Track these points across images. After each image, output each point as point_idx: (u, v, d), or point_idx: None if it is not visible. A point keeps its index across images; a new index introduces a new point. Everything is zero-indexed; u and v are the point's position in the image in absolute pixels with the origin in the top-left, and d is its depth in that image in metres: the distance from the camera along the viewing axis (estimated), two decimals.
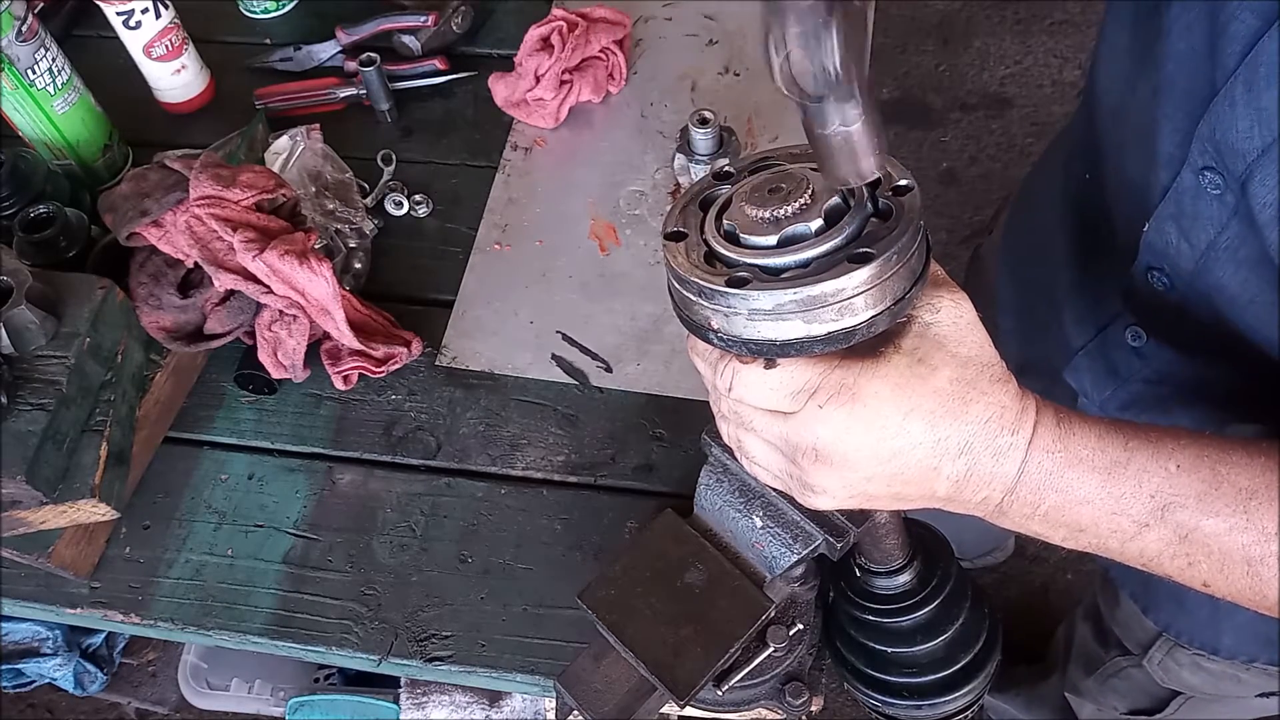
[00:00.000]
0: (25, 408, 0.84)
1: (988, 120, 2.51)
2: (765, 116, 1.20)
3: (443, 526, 0.95)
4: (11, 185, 1.01)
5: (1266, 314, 0.65)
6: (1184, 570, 0.55)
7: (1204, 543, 0.53)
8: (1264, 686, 0.97)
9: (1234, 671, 0.97)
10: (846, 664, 0.77)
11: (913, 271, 0.51)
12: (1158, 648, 1.05)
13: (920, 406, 0.51)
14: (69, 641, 1.79)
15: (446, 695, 1.33)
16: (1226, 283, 0.66)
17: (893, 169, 0.53)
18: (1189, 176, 0.65)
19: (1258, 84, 0.57)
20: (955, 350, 0.52)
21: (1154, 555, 0.54)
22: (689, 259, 0.53)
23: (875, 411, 0.51)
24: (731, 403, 0.56)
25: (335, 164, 1.14)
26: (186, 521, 0.96)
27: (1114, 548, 0.55)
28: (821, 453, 0.52)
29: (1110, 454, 0.53)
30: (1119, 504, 0.53)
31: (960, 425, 0.51)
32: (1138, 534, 0.54)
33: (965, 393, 0.51)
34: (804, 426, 0.52)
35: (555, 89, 1.18)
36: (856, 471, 0.53)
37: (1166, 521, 0.53)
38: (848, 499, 0.55)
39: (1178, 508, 0.53)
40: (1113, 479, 0.53)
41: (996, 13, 2.68)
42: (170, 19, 1.16)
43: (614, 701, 0.73)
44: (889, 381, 0.51)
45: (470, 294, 1.09)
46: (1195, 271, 0.68)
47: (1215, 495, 0.53)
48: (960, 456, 0.52)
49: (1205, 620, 0.92)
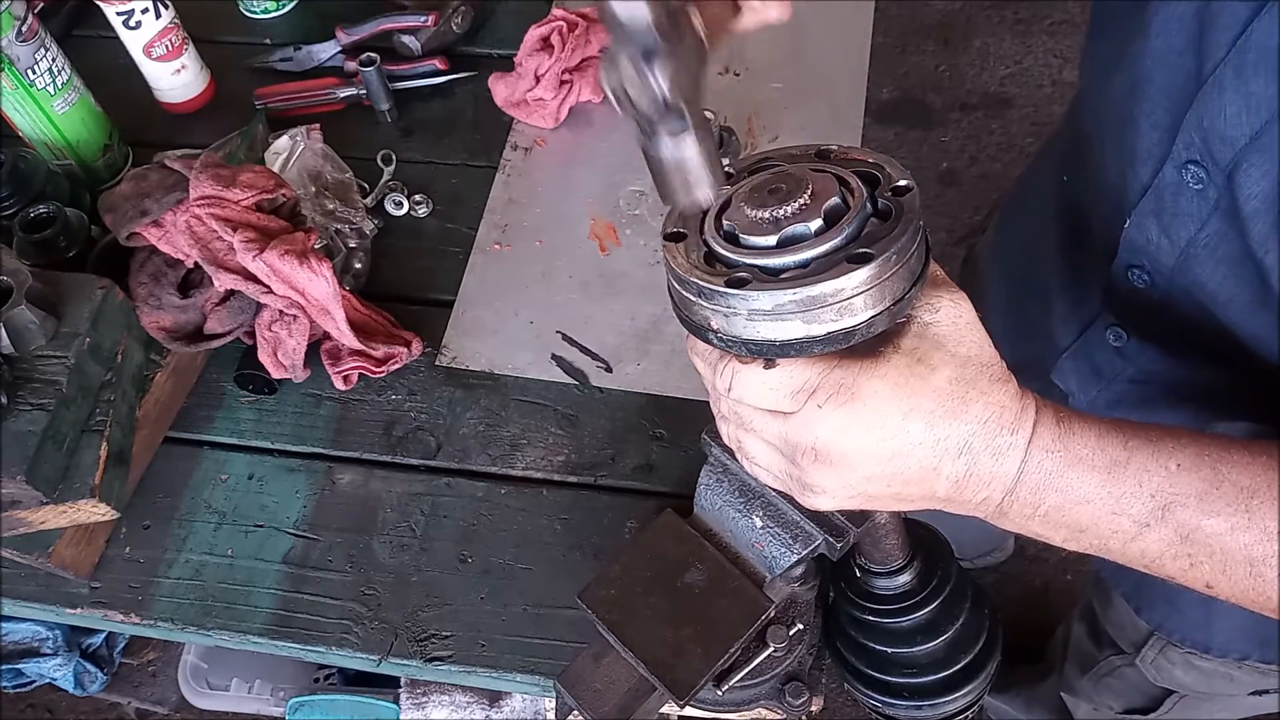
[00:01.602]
0: (25, 408, 0.84)
1: (988, 120, 2.51)
2: (765, 116, 1.20)
3: (443, 526, 0.95)
4: (11, 185, 1.02)
5: (1247, 312, 0.64)
6: (1186, 572, 0.54)
7: (1205, 543, 0.53)
8: (1256, 684, 0.97)
9: (1226, 670, 0.97)
10: (846, 664, 0.77)
11: (912, 272, 0.51)
12: (1150, 646, 1.05)
13: (919, 406, 0.51)
14: (69, 641, 1.79)
15: (446, 695, 1.33)
16: (1206, 280, 0.66)
17: (892, 169, 0.54)
18: (1171, 172, 0.65)
19: (1247, 70, 0.57)
20: (955, 350, 0.52)
21: (1155, 556, 0.54)
22: (689, 259, 0.53)
23: (874, 411, 0.51)
24: (731, 403, 0.56)
25: (335, 164, 1.14)
26: (186, 521, 0.96)
27: (1115, 548, 0.55)
28: (821, 452, 0.52)
29: (1110, 453, 0.53)
30: (1119, 504, 0.53)
31: (960, 425, 0.51)
32: (1139, 534, 0.53)
33: (965, 392, 0.51)
34: (804, 426, 0.52)
35: (555, 89, 1.18)
36: (856, 471, 0.53)
37: (1167, 521, 0.53)
38: (848, 499, 0.55)
39: (1178, 507, 0.52)
40: (1113, 478, 0.53)
41: (996, 13, 2.68)
42: (170, 19, 1.16)
43: (614, 701, 0.73)
44: (888, 381, 0.51)
45: (470, 294, 1.09)
46: (1175, 269, 0.68)
47: (1216, 495, 0.52)
48: (960, 456, 0.52)
49: (1198, 620, 0.92)
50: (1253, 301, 0.64)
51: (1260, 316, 0.64)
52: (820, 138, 1.20)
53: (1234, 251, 0.63)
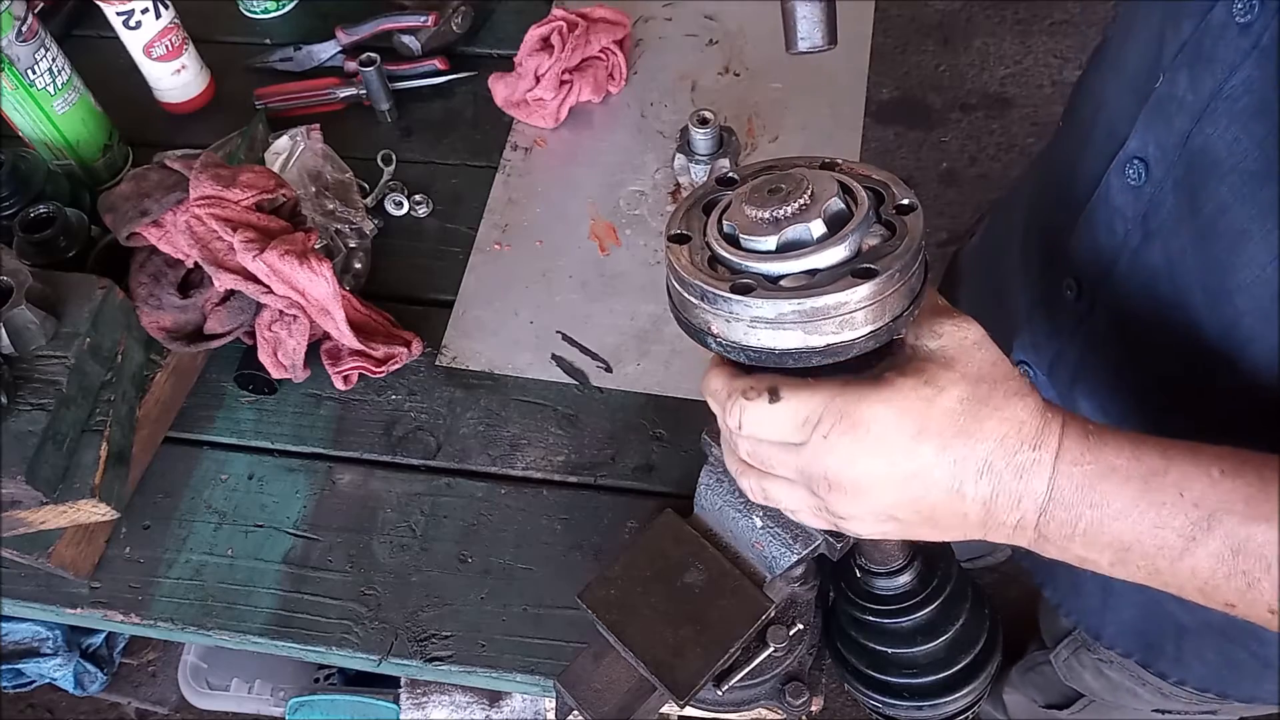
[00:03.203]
0: (25, 408, 0.84)
1: (988, 120, 2.51)
2: (765, 116, 1.20)
3: (443, 526, 0.95)
4: (11, 185, 1.01)
5: (1240, 186, 0.60)
6: (1244, 593, 0.50)
7: (1259, 554, 0.49)
8: (1159, 704, 0.97)
9: (1131, 685, 0.98)
10: (847, 664, 0.77)
11: (912, 290, 0.51)
12: (1065, 645, 1.06)
13: (929, 428, 0.50)
14: (69, 641, 1.79)
15: (446, 695, 1.33)
16: (1215, 143, 0.60)
17: (897, 188, 0.54)
18: (1221, 9, 0.58)
19: None
20: (964, 370, 0.51)
21: (1208, 576, 0.50)
22: (692, 262, 0.53)
23: (878, 437, 0.51)
24: (747, 443, 0.56)
25: (335, 164, 1.14)
26: (186, 521, 0.96)
27: (1164, 568, 0.51)
28: (834, 482, 0.52)
29: (1147, 462, 0.50)
30: (1161, 516, 0.50)
31: (975, 444, 0.51)
32: (1186, 549, 0.50)
33: (977, 411, 0.51)
34: (814, 457, 0.52)
35: (555, 89, 1.18)
36: (875, 497, 0.52)
37: (1214, 533, 0.49)
38: (879, 526, 0.55)
39: (1224, 515, 0.49)
40: (1151, 489, 0.50)
41: (996, 13, 2.68)
42: (170, 19, 1.16)
43: (614, 701, 0.73)
44: (893, 406, 0.51)
45: (470, 294, 1.09)
46: (1193, 133, 0.62)
47: (1264, 499, 0.49)
48: (982, 476, 0.51)
49: (1094, 606, 0.90)
50: (1258, 170, 0.58)
51: (1256, 189, 0.60)
52: (820, 138, 1.21)
53: (1256, 103, 0.58)
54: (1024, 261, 0.89)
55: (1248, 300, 0.62)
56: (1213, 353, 0.65)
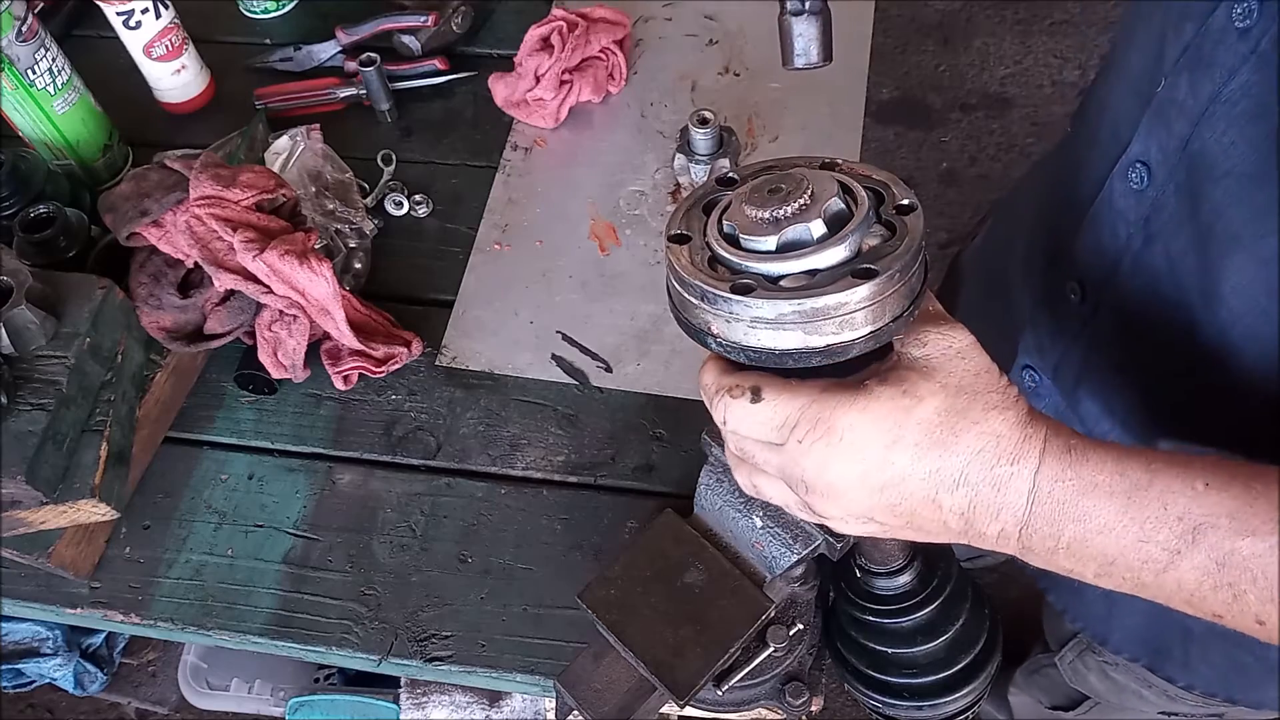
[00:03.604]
0: (25, 408, 0.84)
1: (988, 120, 2.51)
2: (765, 116, 1.20)
3: (443, 526, 0.95)
4: (11, 185, 1.01)
5: (1240, 188, 0.60)
6: (1231, 605, 0.50)
7: (1245, 567, 0.48)
8: (1165, 706, 0.96)
9: (1137, 687, 0.97)
10: (847, 664, 0.77)
11: (912, 290, 0.51)
12: (1070, 648, 1.06)
13: (904, 438, 0.50)
14: (69, 641, 1.79)
15: (446, 695, 1.33)
16: (1212, 146, 0.61)
17: (897, 188, 0.54)
18: (1222, 14, 0.59)
19: None
20: (945, 381, 0.51)
21: (1194, 588, 0.50)
22: (692, 262, 0.53)
23: (851, 445, 0.51)
24: (733, 437, 0.56)
25: (335, 164, 1.14)
26: (186, 521, 0.96)
27: (1149, 581, 0.51)
28: (810, 485, 0.53)
29: (1131, 477, 0.50)
30: (1144, 530, 0.50)
31: (950, 456, 0.51)
32: (1170, 563, 0.50)
33: (954, 423, 0.51)
34: (791, 460, 0.53)
35: (555, 89, 1.18)
36: (851, 501, 0.53)
37: (1199, 546, 0.49)
38: (862, 527, 0.55)
39: (1209, 529, 0.49)
40: (1134, 503, 0.50)
41: (996, 13, 2.68)
42: (170, 19, 1.16)
43: (614, 701, 0.73)
44: (868, 414, 0.51)
45: (470, 294, 1.09)
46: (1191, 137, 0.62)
47: (1250, 513, 0.48)
48: (958, 488, 0.51)
49: (1100, 612, 0.91)
50: (1253, 173, 0.58)
51: (1250, 192, 0.60)
52: (820, 138, 1.21)
53: (1253, 107, 0.58)
54: (1027, 264, 0.89)
55: (1242, 302, 0.62)
56: (1212, 354, 0.65)
